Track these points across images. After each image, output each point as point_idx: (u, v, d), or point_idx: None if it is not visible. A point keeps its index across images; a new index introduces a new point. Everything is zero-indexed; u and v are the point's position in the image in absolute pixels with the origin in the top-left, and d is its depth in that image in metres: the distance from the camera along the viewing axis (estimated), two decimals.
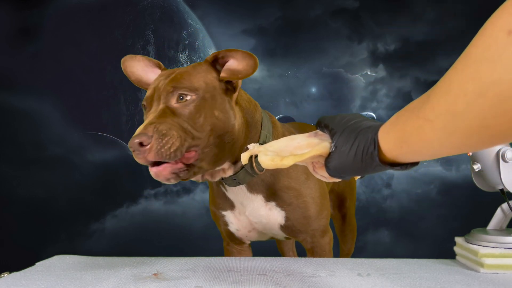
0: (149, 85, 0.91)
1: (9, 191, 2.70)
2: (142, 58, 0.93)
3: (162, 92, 0.80)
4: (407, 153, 0.48)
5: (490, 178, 0.89)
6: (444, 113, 0.39)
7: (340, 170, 0.57)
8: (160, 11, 2.95)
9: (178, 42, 2.95)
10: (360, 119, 0.57)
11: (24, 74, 2.76)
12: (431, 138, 0.42)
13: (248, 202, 0.97)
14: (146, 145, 0.71)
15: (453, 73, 0.38)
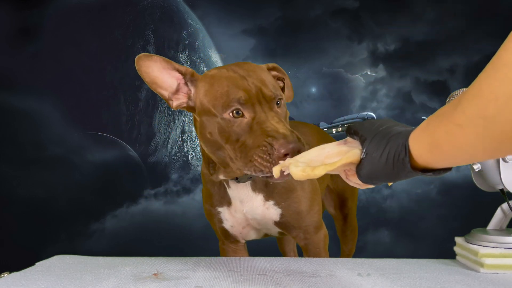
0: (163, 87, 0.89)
1: (9, 191, 2.70)
2: (159, 59, 0.89)
3: (260, 96, 0.82)
4: (439, 158, 0.47)
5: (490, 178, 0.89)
6: (475, 117, 0.38)
7: (372, 177, 0.56)
8: (160, 11, 2.95)
9: (178, 42, 2.95)
10: (390, 124, 0.57)
11: (24, 74, 2.76)
12: (463, 143, 0.41)
13: (248, 200, 0.98)
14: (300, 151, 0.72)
15: (484, 77, 0.38)
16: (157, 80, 0.89)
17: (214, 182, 1.00)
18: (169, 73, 0.90)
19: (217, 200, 1.02)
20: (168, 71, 0.90)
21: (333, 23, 2.92)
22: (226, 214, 1.02)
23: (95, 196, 2.78)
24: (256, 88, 0.82)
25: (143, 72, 0.89)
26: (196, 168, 2.91)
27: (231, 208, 1.01)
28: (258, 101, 0.81)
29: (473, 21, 2.79)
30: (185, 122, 2.94)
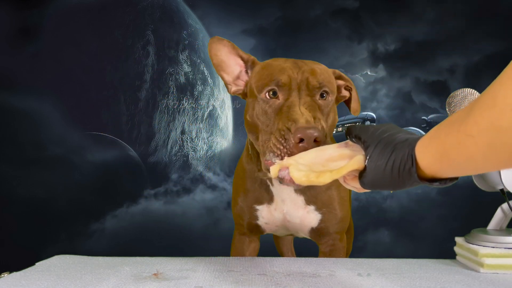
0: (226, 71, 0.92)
1: (9, 191, 2.70)
2: (228, 44, 0.92)
3: (304, 84, 0.80)
4: (448, 168, 0.46)
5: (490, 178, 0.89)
6: (488, 128, 0.37)
7: (375, 184, 0.55)
8: (160, 11, 2.95)
9: (178, 42, 2.95)
10: (394, 130, 0.55)
11: (24, 74, 2.76)
12: (474, 153, 0.40)
13: (290, 200, 0.97)
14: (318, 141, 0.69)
15: (498, 86, 0.37)
16: (222, 63, 0.92)
17: (256, 179, 0.99)
18: (235, 59, 0.93)
19: (256, 198, 1.00)
20: (234, 56, 0.93)
21: (333, 23, 2.92)
22: (264, 212, 1.00)
23: (95, 196, 2.78)
24: (303, 76, 0.81)
25: (212, 54, 0.92)
26: (196, 168, 2.91)
27: (271, 206, 0.99)
28: (298, 87, 0.80)
29: (473, 21, 2.79)
30: (185, 122, 2.94)
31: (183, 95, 2.92)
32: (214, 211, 2.84)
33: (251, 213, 1.02)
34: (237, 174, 1.06)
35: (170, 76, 2.90)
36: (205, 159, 2.93)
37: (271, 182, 0.97)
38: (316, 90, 0.81)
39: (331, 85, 0.84)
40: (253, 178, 0.99)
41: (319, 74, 0.82)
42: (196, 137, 2.95)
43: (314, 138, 0.68)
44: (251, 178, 1.00)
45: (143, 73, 2.87)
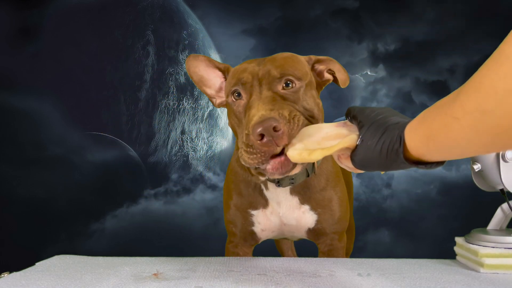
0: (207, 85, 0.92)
1: (9, 191, 2.70)
2: (204, 58, 0.92)
3: (264, 78, 0.78)
4: (434, 151, 0.47)
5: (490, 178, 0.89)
6: (474, 111, 0.38)
7: (365, 164, 0.57)
8: (160, 11, 2.95)
9: (178, 42, 2.95)
10: (389, 113, 0.57)
11: (24, 74, 2.76)
12: (459, 136, 0.41)
13: (285, 202, 0.95)
14: (279, 130, 0.66)
15: (485, 71, 0.38)
16: (202, 78, 0.92)
17: (249, 183, 0.96)
18: (214, 72, 0.93)
19: (250, 202, 0.97)
20: (212, 69, 0.92)
21: (333, 23, 2.92)
22: (260, 217, 0.97)
23: (95, 196, 2.78)
24: (264, 70, 0.79)
25: (191, 72, 0.92)
26: (196, 168, 2.91)
27: (266, 210, 0.96)
28: (259, 82, 0.78)
29: (473, 21, 2.79)
30: (185, 122, 2.94)
31: (183, 95, 2.92)
32: (214, 211, 2.84)
33: (246, 219, 0.99)
34: (229, 178, 1.03)
35: (170, 76, 2.90)
36: (205, 159, 2.93)
37: (266, 186, 0.95)
38: (277, 80, 0.78)
39: (298, 71, 0.80)
40: (247, 181, 0.96)
41: (281, 64, 0.80)
42: (196, 137, 2.95)
43: (272, 128, 0.65)
44: (244, 181, 0.97)
45: (143, 73, 2.87)
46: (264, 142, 0.66)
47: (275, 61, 0.81)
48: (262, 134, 0.66)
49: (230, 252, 1.05)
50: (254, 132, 0.66)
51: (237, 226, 1.01)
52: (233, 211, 1.01)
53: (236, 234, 1.03)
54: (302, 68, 0.83)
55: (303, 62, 0.86)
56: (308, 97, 0.80)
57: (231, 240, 1.05)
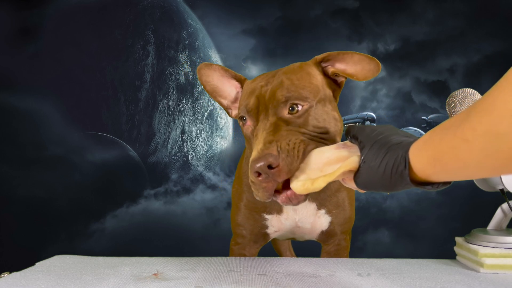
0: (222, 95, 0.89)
1: (9, 191, 2.70)
2: (218, 68, 0.88)
3: (269, 102, 0.74)
4: (441, 172, 0.46)
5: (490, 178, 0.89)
6: (485, 134, 0.37)
7: (368, 186, 0.55)
8: (160, 11, 2.95)
9: (178, 42, 2.95)
10: (390, 132, 0.55)
11: (24, 74, 2.76)
12: (468, 159, 0.40)
13: (302, 209, 0.93)
14: (275, 167, 0.64)
15: (497, 92, 0.36)
16: (216, 89, 0.89)
17: None
18: (229, 82, 0.89)
19: (265, 207, 0.95)
20: (227, 79, 0.89)
21: (333, 23, 2.92)
22: (274, 221, 0.96)
23: (95, 196, 2.78)
24: (271, 92, 0.75)
25: (204, 81, 0.88)
26: (196, 168, 2.91)
27: (281, 216, 0.95)
28: (265, 107, 0.74)
29: (473, 21, 2.79)
30: (185, 122, 2.94)
31: (183, 95, 2.92)
32: (214, 211, 2.84)
33: (259, 222, 0.96)
34: (240, 180, 0.99)
35: (170, 76, 2.90)
36: (205, 159, 2.93)
37: None
38: (282, 105, 0.74)
39: (306, 90, 0.75)
40: None
41: (287, 85, 0.75)
42: (196, 137, 2.95)
43: (267, 166, 0.64)
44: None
45: (143, 73, 2.87)
46: (261, 179, 0.65)
47: (282, 81, 0.76)
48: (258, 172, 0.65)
49: (235, 253, 1.03)
50: (252, 170, 0.65)
51: (247, 228, 0.99)
52: (243, 214, 0.98)
53: (245, 236, 1.00)
54: (310, 85, 0.77)
55: (312, 76, 0.79)
56: (320, 114, 0.75)
57: (237, 242, 1.03)
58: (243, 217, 0.99)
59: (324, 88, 0.79)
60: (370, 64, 0.77)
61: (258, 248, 1.05)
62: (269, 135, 0.69)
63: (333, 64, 0.81)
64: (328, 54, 0.81)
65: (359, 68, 0.78)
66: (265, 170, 0.64)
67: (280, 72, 0.79)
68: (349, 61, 0.79)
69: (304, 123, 0.73)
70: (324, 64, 0.82)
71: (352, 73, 0.79)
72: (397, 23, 2.88)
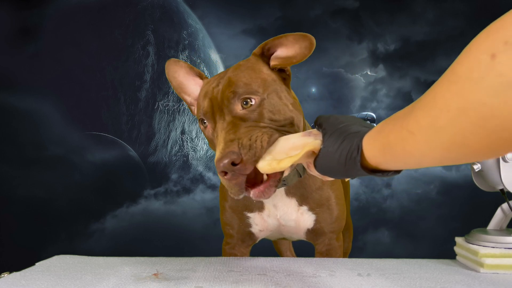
0: (186, 92, 0.91)
1: (9, 191, 2.70)
2: (184, 65, 0.92)
3: (222, 102, 0.76)
4: (390, 161, 0.49)
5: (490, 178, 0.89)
6: (427, 127, 0.39)
7: (325, 170, 0.58)
8: (160, 11, 2.95)
9: (178, 42, 2.95)
10: (351, 122, 0.58)
11: (24, 74, 2.76)
12: (413, 149, 0.43)
13: (282, 205, 0.94)
14: (238, 163, 0.65)
15: (438, 88, 0.39)
16: (182, 85, 0.92)
17: None
18: (193, 79, 0.91)
19: (246, 205, 0.96)
20: (192, 77, 0.91)
21: (333, 23, 2.92)
22: (256, 219, 0.97)
23: (95, 196, 2.79)
24: (221, 92, 0.76)
25: (171, 76, 0.92)
26: (196, 168, 2.91)
27: (263, 213, 0.96)
28: (219, 108, 0.76)
29: (473, 21, 2.79)
30: (185, 122, 2.94)
31: None
32: (214, 211, 2.84)
33: (243, 220, 0.98)
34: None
35: None
36: (205, 159, 2.93)
37: None
38: (234, 102, 0.75)
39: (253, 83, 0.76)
40: None
41: (234, 81, 0.76)
42: (196, 137, 2.95)
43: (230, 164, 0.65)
44: None
45: (143, 73, 2.87)
46: (229, 177, 0.67)
47: (230, 80, 0.77)
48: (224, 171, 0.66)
49: (227, 254, 1.05)
50: (218, 170, 0.67)
51: (234, 227, 1.01)
52: (229, 213, 1.00)
53: (233, 235, 1.02)
54: (258, 79, 0.77)
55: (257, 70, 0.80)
56: (274, 106, 0.76)
57: (227, 242, 1.05)
58: (228, 216, 1.01)
59: (273, 79, 0.80)
60: (305, 40, 0.77)
61: (248, 248, 1.06)
62: (228, 134, 0.70)
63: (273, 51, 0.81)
64: (265, 43, 0.81)
65: (297, 47, 0.78)
66: (230, 168, 0.66)
67: (229, 71, 0.81)
68: (286, 43, 0.79)
69: (260, 117, 0.74)
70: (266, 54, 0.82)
71: (293, 54, 0.79)
72: (397, 23, 2.89)
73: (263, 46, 0.81)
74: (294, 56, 0.79)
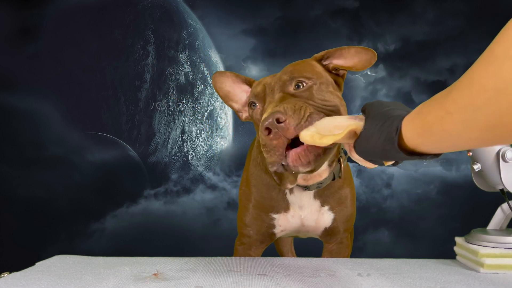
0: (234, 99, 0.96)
1: (9, 191, 2.70)
2: (230, 74, 0.95)
3: (276, 84, 0.80)
4: (428, 142, 0.49)
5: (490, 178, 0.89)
6: (465, 106, 0.40)
7: (364, 151, 0.59)
8: (160, 11, 2.95)
9: (178, 42, 2.95)
10: (396, 106, 0.58)
11: (24, 74, 2.76)
12: (451, 129, 0.43)
13: (308, 206, 0.96)
14: (282, 121, 0.68)
15: (476, 68, 0.39)
16: (229, 94, 0.96)
17: (272, 187, 0.97)
18: (240, 87, 0.96)
19: (273, 206, 0.98)
20: (238, 84, 0.95)
21: (333, 23, 2.92)
22: (281, 220, 0.98)
23: (95, 196, 2.78)
24: (276, 78, 0.81)
25: (218, 88, 0.95)
26: (196, 168, 2.91)
27: (288, 213, 0.97)
28: (272, 90, 0.80)
29: (473, 21, 2.79)
30: (185, 122, 2.94)
31: (183, 95, 2.92)
32: (214, 211, 2.84)
33: (267, 222, 0.99)
34: (248, 181, 1.01)
35: (170, 76, 2.90)
36: (205, 159, 2.93)
37: (291, 190, 0.95)
38: (288, 83, 0.79)
39: (308, 72, 0.81)
40: (270, 185, 0.97)
41: (290, 70, 0.82)
42: (196, 137, 2.95)
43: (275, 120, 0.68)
44: (267, 186, 0.97)
45: (143, 73, 2.87)
46: (271, 136, 0.68)
47: (285, 69, 0.83)
48: (268, 128, 0.68)
49: (240, 254, 1.04)
50: (262, 128, 0.69)
51: (255, 229, 1.01)
52: (253, 214, 1.00)
53: (252, 236, 1.02)
54: (313, 70, 0.83)
55: (313, 65, 0.86)
56: (324, 92, 0.80)
57: (242, 242, 1.04)
58: (251, 217, 1.01)
59: (326, 75, 0.85)
60: (367, 54, 0.85)
61: (264, 248, 1.06)
62: (276, 104, 0.74)
63: (332, 60, 0.87)
64: (326, 52, 0.87)
65: (357, 60, 0.85)
66: (274, 125, 0.68)
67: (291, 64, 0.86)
68: (347, 55, 0.86)
69: (310, 96, 0.77)
70: (324, 62, 0.88)
71: (351, 65, 0.86)
72: (397, 23, 2.88)
73: (324, 54, 0.87)
74: (352, 66, 0.85)
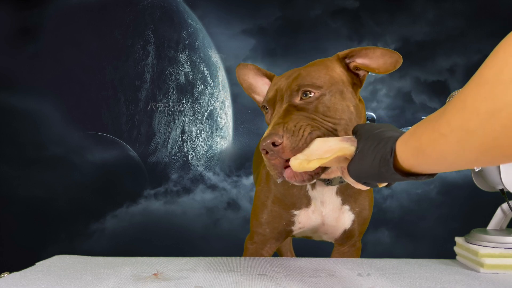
0: (256, 91, 0.98)
1: (9, 191, 2.70)
2: (252, 67, 0.97)
3: (285, 92, 0.81)
4: (423, 163, 0.49)
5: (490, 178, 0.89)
6: (458, 129, 0.40)
7: (359, 174, 0.59)
8: (160, 11, 2.95)
9: (178, 42, 2.95)
10: (387, 128, 0.59)
11: (24, 74, 2.76)
12: (446, 151, 0.43)
13: (330, 202, 0.96)
14: (278, 145, 0.70)
15: (468, 91, 0.39)
16: (251, 86, 0.98)
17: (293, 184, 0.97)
18: (262, 80, 0.97)
19: (294, 203, 0.96)
20: (260, 77, 0.97)
21: (333, 23, 2.92)
22: (301, 216, 0.97)
23: (95, 196, 2.78)
24: (288, 84, 0.81)
25: (241, 79, 0.98)
26: (196, 168, 2.91)
27: (308, 209, 0.96)
28: (281, 97, 0.81)
29: (473, 21, 2.79)
30: (185, 122, 2.94)
31: (183, 95, 2.92)
32: (214, 211, 2.84)
33: (287, 219, 0.98)
34: (268, 178, 1.00)
35: (170, 76, 2.90)
36: (205, 159, 2.93)
37: (313, 185, 0.94)
38: (295, 93, 0.79)
39: (319, 80, 0.80)
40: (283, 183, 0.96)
41: (303, 76, 0.81)
42: (196, 137, 2.95)
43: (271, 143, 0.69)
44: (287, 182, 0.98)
45: (143, 73, 2.87)
46: (269, 157, 0.71)
47: (299, 73, 0.82)
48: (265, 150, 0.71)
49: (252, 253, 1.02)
50: (260, 148, 0.72)
51: (272, 226, 0.99)
52: (271, 211, 0.99)
53: (266, 235, 1.00)
54: (326, 76, 0.81)
55: (330, 68, 0.83)
56: (332, 104, 0.78)
57: (255, 241, 1.02)
58: (269, 214, 0.99)
59: (342, 80, 0.83)
60: (392, 57, 0.82)
61: (276, 247, 1.05)
62: (279, 118, 0.75)
63: (356, 59, 0.85)
64: (351, 50, 0.85)
65: (382, 62, 0.82)
66: (270, 147, 0.70)
67: (303, 66, 0.86)
68: (372, 56, 0.83)
69: (314, 109, 0.77)
70: (347, 60, 0.86)
71: (375, 67, 0.83)
72: (397, 23, 2.88)
73: (348, 52, 0.85)
74: (375, 68, 0.83)
